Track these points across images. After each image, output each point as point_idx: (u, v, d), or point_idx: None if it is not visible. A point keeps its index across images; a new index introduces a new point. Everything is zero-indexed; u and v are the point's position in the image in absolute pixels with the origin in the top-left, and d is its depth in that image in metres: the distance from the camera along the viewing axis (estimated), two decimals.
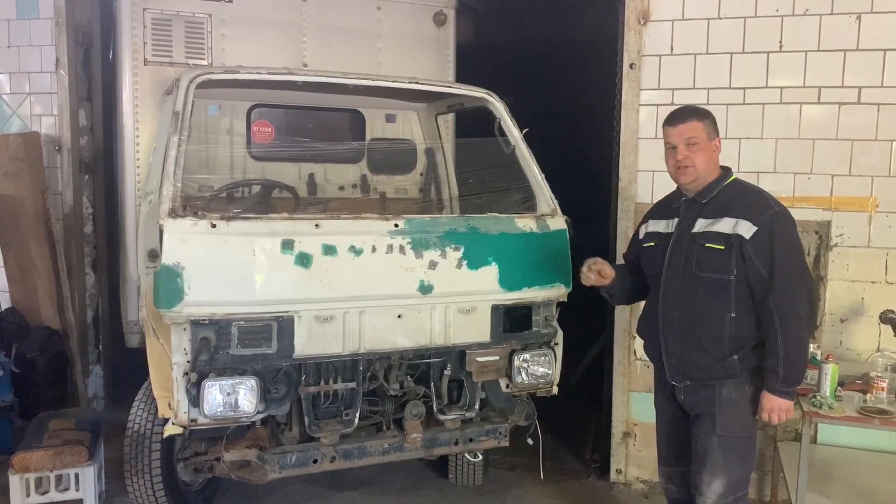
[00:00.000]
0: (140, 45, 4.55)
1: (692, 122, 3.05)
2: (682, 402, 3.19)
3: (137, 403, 3.85)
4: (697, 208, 3.09)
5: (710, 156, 3.06)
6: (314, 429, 3.45)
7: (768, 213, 2.92)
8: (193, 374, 3.14)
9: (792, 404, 2.96)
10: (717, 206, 3.02)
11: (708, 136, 3.05)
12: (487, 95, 4.07)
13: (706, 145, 3.04)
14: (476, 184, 4.52)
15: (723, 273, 2.95)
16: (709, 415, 3.06)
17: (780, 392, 2.91)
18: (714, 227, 2.98)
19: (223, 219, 3.16)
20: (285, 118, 4.95)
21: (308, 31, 4.90)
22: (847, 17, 4.14)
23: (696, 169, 3.05)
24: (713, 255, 2.96)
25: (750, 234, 2.89)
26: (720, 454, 3.04)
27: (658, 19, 4.43)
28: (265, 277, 3.19)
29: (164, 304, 3.07)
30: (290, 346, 3.25)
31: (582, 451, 5.32)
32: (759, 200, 2.99)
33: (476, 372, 3.61)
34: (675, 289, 3.10)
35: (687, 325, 3.08)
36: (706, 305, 3.01)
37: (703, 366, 3.06)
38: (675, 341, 3.13)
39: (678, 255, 3.10)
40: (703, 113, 3.10)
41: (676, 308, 3.11)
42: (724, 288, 2.96)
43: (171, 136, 3.33)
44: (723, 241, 2.94)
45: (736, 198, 3.03)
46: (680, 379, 3.15)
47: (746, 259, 2.91)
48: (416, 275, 3.42)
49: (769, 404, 2.94)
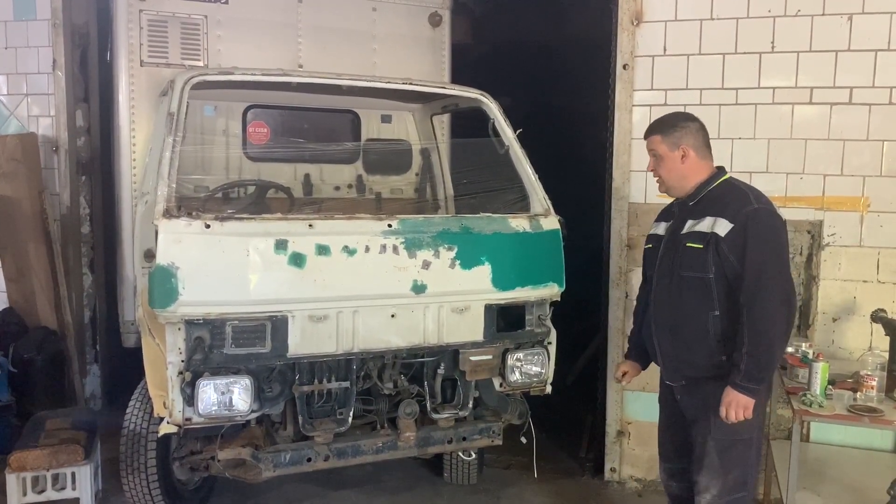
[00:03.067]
0: (136, 46, 4.57)
1: (652, 136, 3.16)
2: (679, 402, 3.22)
3: (133, 403, 3.88)
4: (687, 210, 3.14)
5: (674, 166, 3.11)
6: (308, 427, 3.47)
7: (745, 210, 2.92)
8: (188, 373, 3.17)
9: (752, 402, 2.90)
10: (703, 207, 3.07)
11: (669, 147, 3.10)
12: (481, 96, 4.09)
13: (668, 156, 3.10)
14: (471, 184, 4.54)
15: (702, 271, 2.97)
16: (704, 416, 3.07)
17: (740, 387, 2.88)
18: (696, 227, 3.02)
19: (217, 219, 3.18)
20: (281, 119, 4.96)
21: (303, 32, 4.92)
22: (839, 17, 4.16)
23: (662, 181, 3.18)
24: (693, 254, 3.00)
25: (725, 231, 2.91)
26: (716, 456, 3.05)
27: (651, 20, 4.45)
28: (259, 277, 3.21)
29: (159, 304, 3.09)
30: (283, 345, 3.27)
31: (576, 450, 5.34)
32: (740, 198, 2.99)
33: (469, 371, 3.63)
34: (664, 289, 3.15)
35: (675, 325, 3.12)
36: (691, 305, 3.04)
37: (695, 365, 3.09)
38: (666, 342, 3.17)
39: (667, 256, 3.15)
40: (665, 124, 3.15)
41: (666, 308, 3.15)
42: (706, 286, 2.98)
43: (166, 137, 3.35)
44: (702, 240, 2.98)
45: (719, 197, 3.05)
46: (675, 378, 3.19)
47: (722, 256, 2.92)
48: (409, 274, 3.44)
49: (727, 398, 2.91)
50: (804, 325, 4.37)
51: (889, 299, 4.19)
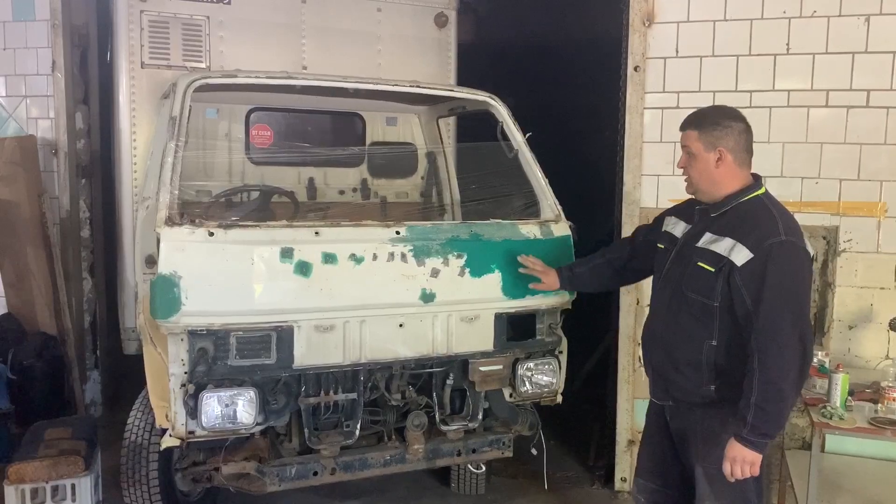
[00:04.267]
0: (137, 47, 4.49)
1: (688, 130, 2.83)
2: (669, 424, 2.99)
3: (134, 413, 3.80)
4: (708, 220, 2.83)
5: (706, 168, 2.76)
6: (314, 440, 3.39)
7: (770, 241, 2.59)
8: (191, 385, 3.09)
9: (759, 458, 2.61)
10: (726, 223, 2.74)
11: (705, 146, 2.75)
12: (490, 99, 4.02)
13: (702, 156, 2.76)
14: (478, 188, 4.47)
15: (707, 297, 2.71)
16: (693, 443, 2.85)
17: (746, 441, 2.59)
18: (712, 246, 2.72)
19: (221, 227, 3.11)
20: (284, 122, 4.91)
21: (307, 33, 4.84)
22: (855, 18, 4.07)
23: (690, 181, 2.86)
24: (702, 276, 2.72)
25: (743, 261, 2.61)
26: (707, 484, 2.81)
27: (663, 21, 4.35)
28: (264, 286, 3.14)
29: (161, 314, 3.02)
30: (289, 356, 3.20)
31: (585, 458, 5.26)
32: (768, 225, 2.64)
33: (479, 381, 3.55)
34: (664, 302, 2.92)
35: (669, 344, 2.89)
36: (688, 327, 2.79)
37: (682, 389, 2.86)
38: (657, 356, 2.96)
39: (676, 266, 2.89)
40: (705, 120, 2.81)
41: (661, 322, 2.94)
42: (709, 313, 2.72)
43: (169, 142, 3.28)
44: (715, 263, 2.68)
45: (746, 218, 2.71)
46: (662, 397, 2.99)
47: (733, 287, 2.64)
48: (417, 283, 3.36)
49: (731, 452, 2.63)
50: (819, 332, 4.28)
51: None
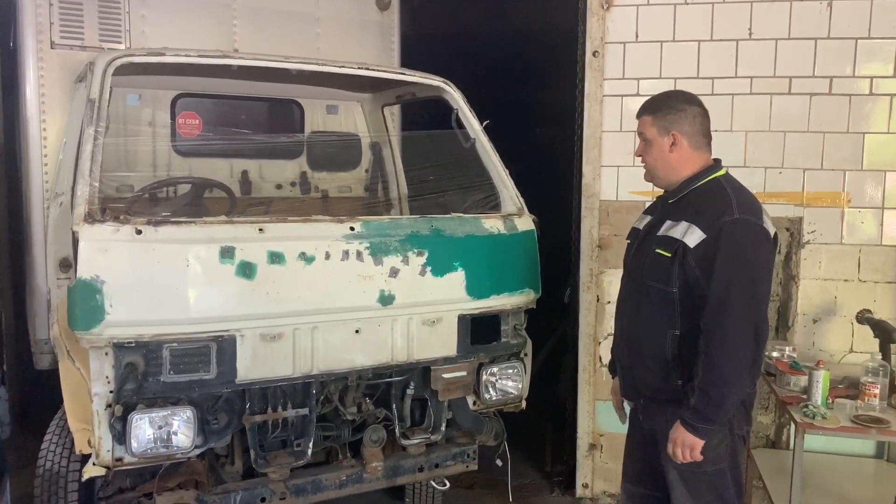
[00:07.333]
0: (46, 25, 4.00)
1: (643, 116, 2.75)
2: (642, 423, 2.84)
3: (49, 437, 3.33)
4: (667, 208, 2.75)
5: (661, 154, 2.70)
6: (261, 462, 3.01)
7: (721, 220, 2.50)
8: (118, 406, 2.70)
9: (700, 444, 2.52)
10: (683, 208, 2.66)
11: (659, 131, 2.68)
12: (444, 84, 3.76)
13: (657, 141, 2.69)
14: (428, 181, 4.17)
15: (665, 283, 2.61)
16: (663, 444, 2.68)
17: (688, 425, 2.52)
18: (670, 231, 2.64)
19: (150, 224, 2.73)
20: (214, 109, 4.50)
21: (239, 13, 4.45)
22: (818, 3, 3.98)
23: (647, 168, 2.78)
24: (659, 262, 2.63)
25: (695, 241, 2.53)
26: (682, 486, 2.68)
27: (622, 4, 4.17)
28: (201, 291, 2.78)
29: (82, 326, 2.62)
30: (231, 369, 2.84)
31: (541, 463, 5.04)
32: (721, 204, 2.55)
33: (442, 390, 3.26)
34: (628, 295, 2.84)
35: (633, 338, 2.78)
36: (650, 318, 2.69)
37: (650, 385, 2.74)
38: (623, 353, 2.87)
39: (637, 258, 2.80)
40: (659, 104, 2.73)
41: (627, 317, 2.84)
42: (669, 301, 2.62)
43: (87, 127, 2.87)
44: (670, 248, 2.60)
45: (701, 199, 2.64)
46: (633, 395, 2.86)
47: (688, 270, 2.55)
48: (375, 284, 3.05)
49: (674, 434, 2.57)
50: (783, 326, 4.18)
51: (870, 299, 4.03)
